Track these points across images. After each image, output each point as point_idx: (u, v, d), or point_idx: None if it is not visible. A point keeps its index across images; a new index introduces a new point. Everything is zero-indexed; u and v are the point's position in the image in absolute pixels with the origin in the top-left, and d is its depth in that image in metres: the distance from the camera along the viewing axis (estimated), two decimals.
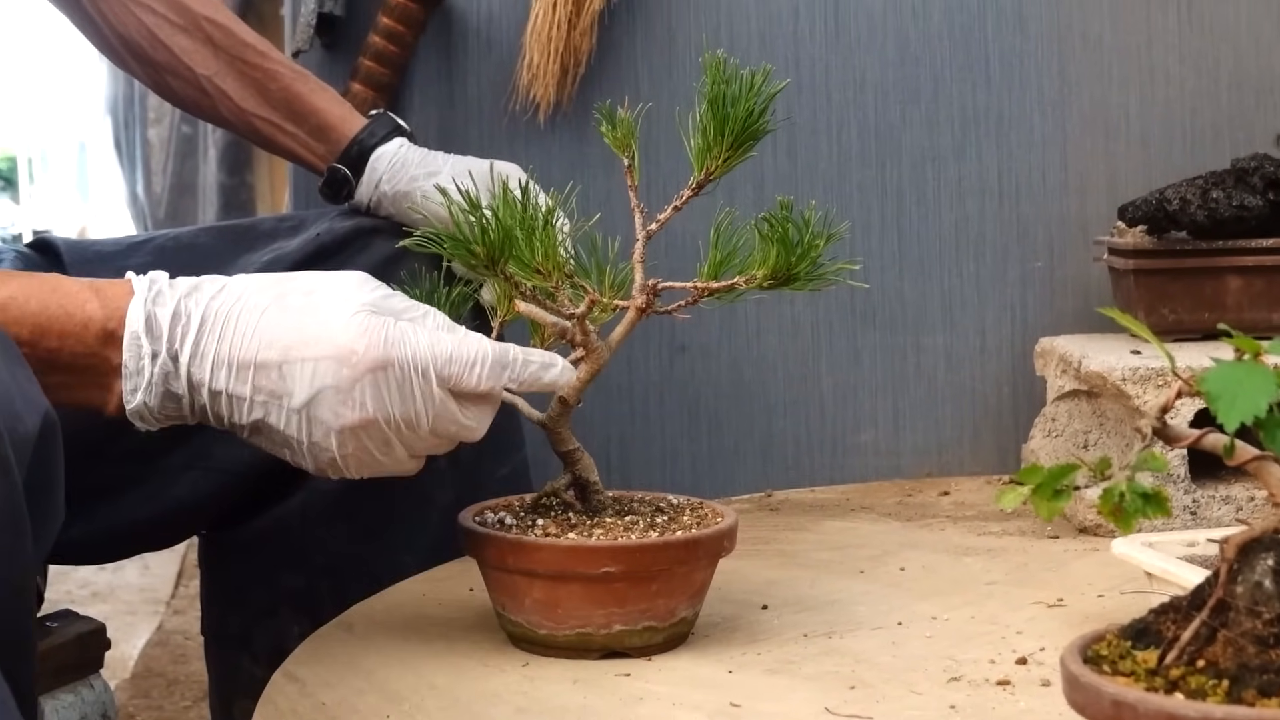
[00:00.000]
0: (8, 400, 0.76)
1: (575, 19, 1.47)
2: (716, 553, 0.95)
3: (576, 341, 0.96)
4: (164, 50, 1.27)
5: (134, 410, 0.90)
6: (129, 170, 4.90)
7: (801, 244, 0.92)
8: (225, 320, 0.90)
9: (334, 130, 1.28)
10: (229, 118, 1.29)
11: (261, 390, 0.90)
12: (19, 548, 0.77)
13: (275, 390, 0.90)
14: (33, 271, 0.94)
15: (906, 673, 0.90)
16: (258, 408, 0.90)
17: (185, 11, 1.27)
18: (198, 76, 1.27)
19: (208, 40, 1.27)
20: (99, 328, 0.89)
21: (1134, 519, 0.68)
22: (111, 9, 1.27)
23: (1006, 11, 1.52)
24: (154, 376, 0.89)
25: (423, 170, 1.25)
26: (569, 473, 0.98)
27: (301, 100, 1.28)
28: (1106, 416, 1.29)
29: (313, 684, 0.91)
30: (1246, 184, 1.35)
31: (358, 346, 0.89)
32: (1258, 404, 0.63)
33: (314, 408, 0.89)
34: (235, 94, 1.27)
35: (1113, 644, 0.66)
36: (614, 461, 1.52)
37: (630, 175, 0.96)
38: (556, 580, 0.92)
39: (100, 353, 0.89)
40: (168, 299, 0.90)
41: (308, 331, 0.89)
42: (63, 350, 0.88)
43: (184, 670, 2.31)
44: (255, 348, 0.90)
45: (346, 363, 0.89)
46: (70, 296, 0.89)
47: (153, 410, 0.90)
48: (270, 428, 0.91)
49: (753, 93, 0.92)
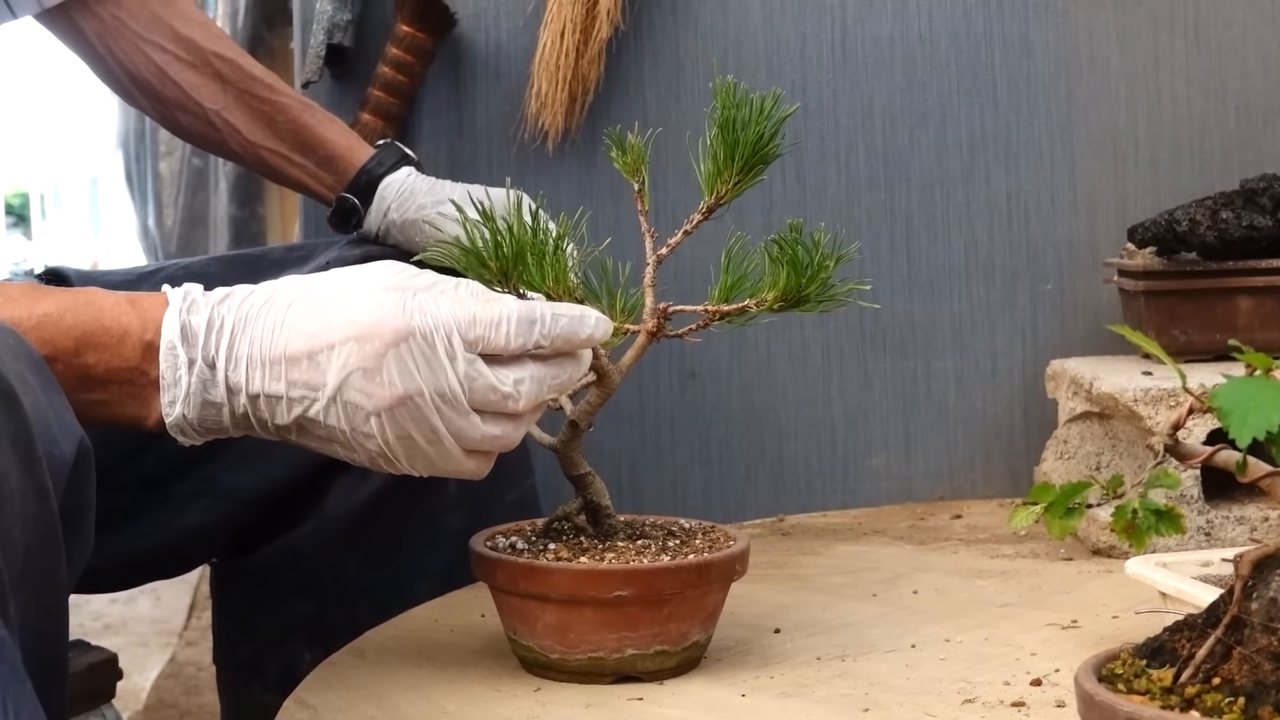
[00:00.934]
0: (46, 426, 0.76)
1: (583, 48, 1.47)
2: (729, 576, 0.95)
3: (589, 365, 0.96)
4: (173, 86, 1.28)
5: (174, 423, 0.88)
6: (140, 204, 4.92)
7: (811, 265, 0.92)
8: (255, 320, 0.88)
9: (342, 160, 1.29)
10: (238, 151, 1.30)
11: (296, 384, 0.87)
12: (55, 573, 0.77)
13: (310, 382, 0.87)
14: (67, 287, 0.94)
15: (920, 695, 0.90)
16: (296, 404, 0.87)
17: (193, 48, 1.28)
18: (206, 111, 1.28)
19: (216, 75, 1.28)
20: (136, 339, 0.88)
21: (1147, 536, 0.68)
22: (120, 47, 1.28)
23: (1013, 36, 1.52)
24: (191, 386, 0.87)
25: (431, 199, 1.26)
26: (580, 497, 0.98)
27: (309, 131, 1.29)
28: (1119, 438, 1.29)
29: (325, 711, 0.91)
30: (1256, 204, 1.35)
31: (376, 321, 0.86)
32: (1269, 419, 0.63)
33: (345, 393, 0.86)
34: (244, 127, 1.28)
35: (1127, 662, 0.66)
36: (625, 488, 1.52)
37: (640, 200, 0.96)
38: (569, 604, 0.92)
39: (138, 365, 0.88)
40: (201, 307, 0.89)
41: (331, 318, 0.87)
42: (100, 365, 0.87)
43: (196, 701, 2.30)
44: (284, 341, 0.87)
45: (368, 340, 0.86)
46: (106, 311, 0.88)
47: (192, 422, 0.88)
48: (313, 422, 0.88)
49: (762, 117, 0.93)
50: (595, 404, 0.96)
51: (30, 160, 10.50)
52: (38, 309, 0.87)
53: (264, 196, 3.81)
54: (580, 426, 0.96)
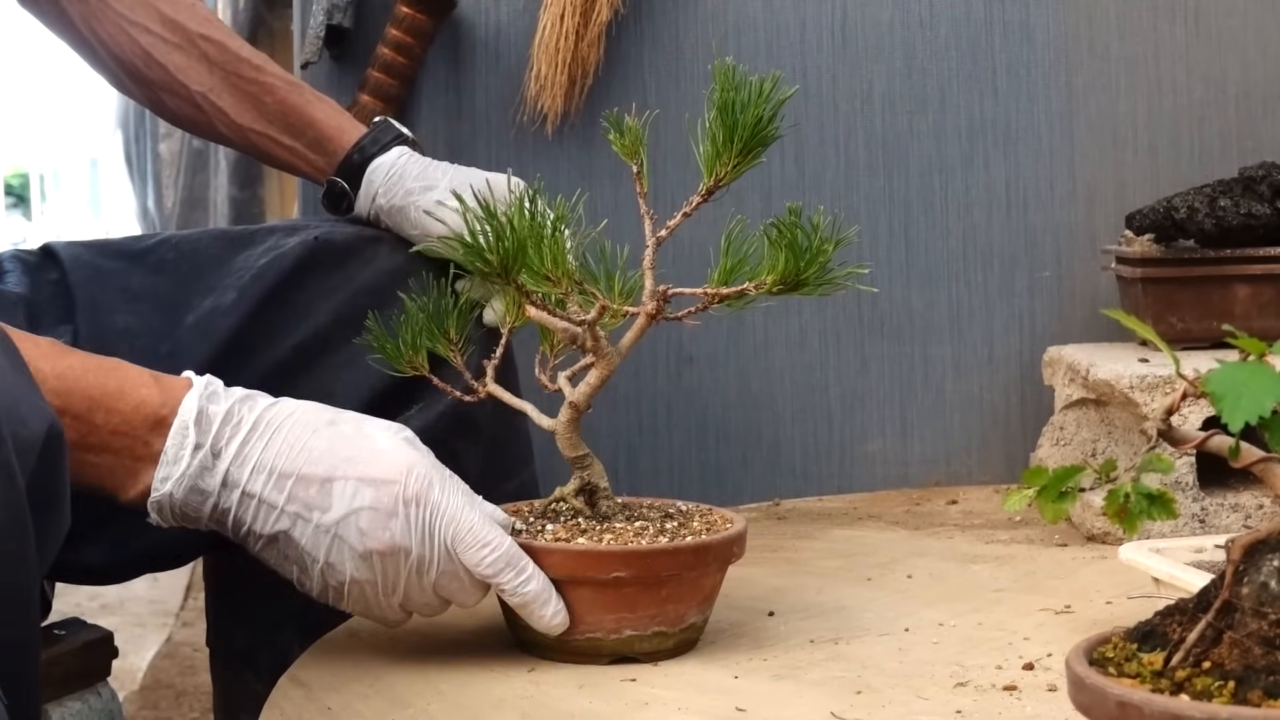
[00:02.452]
0: (13, 404, 0.76)
1: (583, 30, 1.47)
2: (726, 558, 0.96)
3: (587, 347, 0.96)
4: (159, 69, 1.26)
5: (157, 499, 0.91)
6: (140, 185, 4.92)
7: (810, 249, 0.92)
8: (277, 430, 0.92)
9: (332, 141, 1.26)
10: (226, 133, 1.27)
11: (296, 500, 0.91)
12: (22, 554, 0.76)
13: (310, 503, 0.91)
14: (90, 353, 0.95)
15: (913, 678, 0.90)
16: (285, 518, 0.91)
17: (179, 29, 1.26)
18: (193, 93, 1.26)
19: (203, 57, 1.26)
20: (151, 412, 0.90)
21: (1139, 520, 0.68)
22: (106, 30, 1.26)
23: (1014, 22, 1.52)
24: (190, 468, 0.90)
25: (419, 184, 1.23)
26: (578, 478, 0.98)
27: (298, 112, 1.27)
28: (1114, 425, 1.29)
29: (318, 689, 0.91)
30: (1254, 192, 1.35)
31: (404, 476, 0.91)
32: (1262, 404, 0.63)
33: (344, 527, 0.91)
34: (231, 109, 1.26)
35: (1119, 646, 0.66)
36: (622, 472, 1.52)
37: (639, 182, 0.96)
38: (567, 585, 0.92)
39: (143, 437, 0.90)
40: (222, 399, 0.92)
41: (357, 454, 0.91)
42: (107, 427, 0.90)
43: (192, 682, 2.31)
44: (302, 461, 0.91)
45: (389, 489, 0.90)
46: (128, 379, 0.91)
47: (175, 504, 0.91)
48: (291, 541, 0.92)
49: (762, 99, 0.92)
50: (595, 386, 0.96)
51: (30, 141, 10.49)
52: (61, 363, 0.90)
53: (264, 178, 3.81)
54: (580, 408, 0.96)
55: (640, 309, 0.96)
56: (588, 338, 0.95)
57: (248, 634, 1.26)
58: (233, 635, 1.28)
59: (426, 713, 0.86)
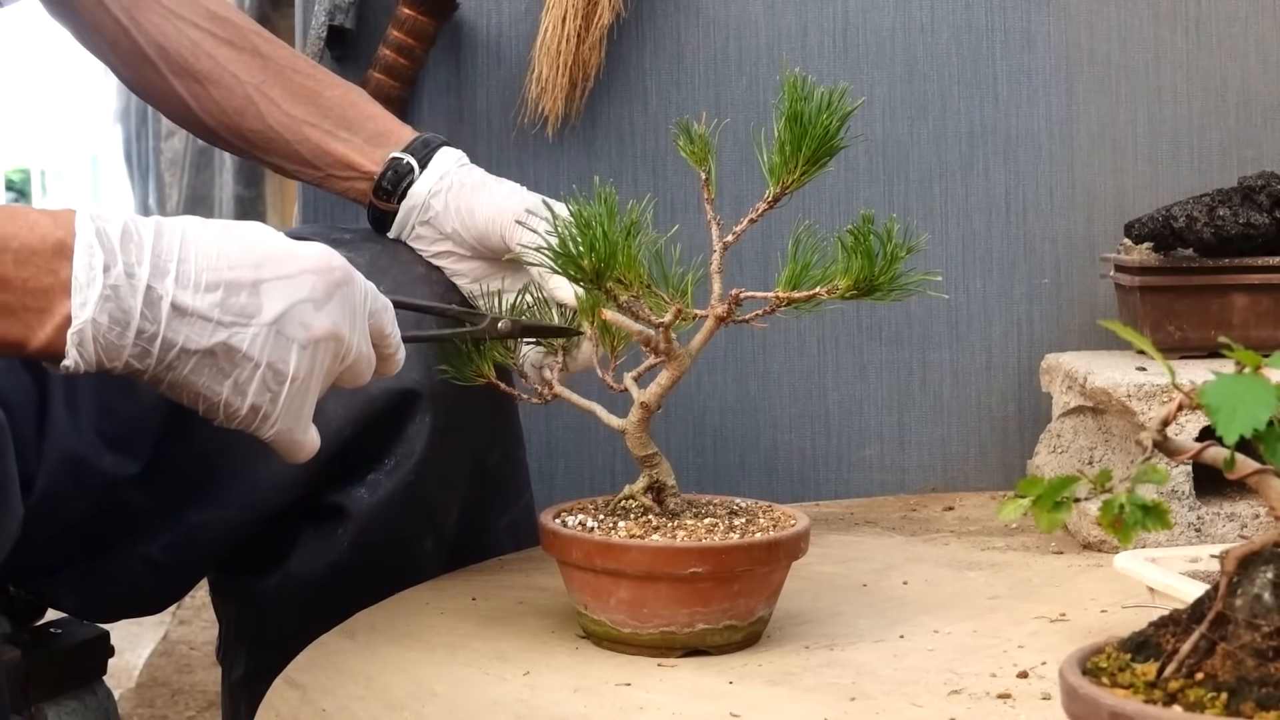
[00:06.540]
0: None
1: (584, 33, 1.47)
2: (794, 554, 0.98)
3: (660, 349, 0.98)
4: (208, 59, 1.23)
5: (79, 328, 0.84)
6: (140, 182, 4.92)
7: (884, 255, 0.94)
8: (183, 239, 0.88)
9: (393, 135, 1.24)
10: (274, 125, 1.24)
11: (230, 310, 0.88)
12: None
13: (245, 310, 0.88)
14: None
15: (907, 685, 0.90)
16: (221, 330, 0.88)
17: (229, 25, 1.23)
18: (244, 84, 1.24)
19: (255, 51, 1.24)
20: (49, 234, 0.85)
21: (1133, 531, 0.68)
22: (150, 19, 1.22)
23: (1015, 29, 1.52)
24: (105, 288, 0.85)
25: (481, 197, 1.22)
26: (646, 476, 1.00)
27: (357, 108, 1.26)
28: (1112, 433, 1.29)
29: (313, 690, 0.91)
30: (1253, 202, 1.35)
31: (334, 261, 0.92)
32: (1257, 417, 0.63)
33: (284, 322, 0.89)
34: (284, 101, 1.24)
35: (1112, 656, 0.66)
36: (618, 475, 1.52)
37: (707, 189, 0.99)
38: (644, 580, 0.94)
39: (49, 265, 0.84)
40: (112, 219, 0.87)
41: (276, 252, 0.90)
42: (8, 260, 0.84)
43: (188, 680, 2.31)
44: (223, 266, 0.88)
45: (324, 275, 0.91)
46: (23, 215, 0.86)
47: (100, 331, 0.85)
48: (230, 350, 0.88)
49: (830, 110, 0.95)
50: (666, 386, 0.99)
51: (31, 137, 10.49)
52: None
53: (268, 176, 3.81)
54: (651, 408, 0.99)
55: (709, 312, 0.98)
56: (661, 340, 0.98)
57: (248, 664, 1.23)
58: (234, 659, 1.25)
59: (421, 715, 0.86)
